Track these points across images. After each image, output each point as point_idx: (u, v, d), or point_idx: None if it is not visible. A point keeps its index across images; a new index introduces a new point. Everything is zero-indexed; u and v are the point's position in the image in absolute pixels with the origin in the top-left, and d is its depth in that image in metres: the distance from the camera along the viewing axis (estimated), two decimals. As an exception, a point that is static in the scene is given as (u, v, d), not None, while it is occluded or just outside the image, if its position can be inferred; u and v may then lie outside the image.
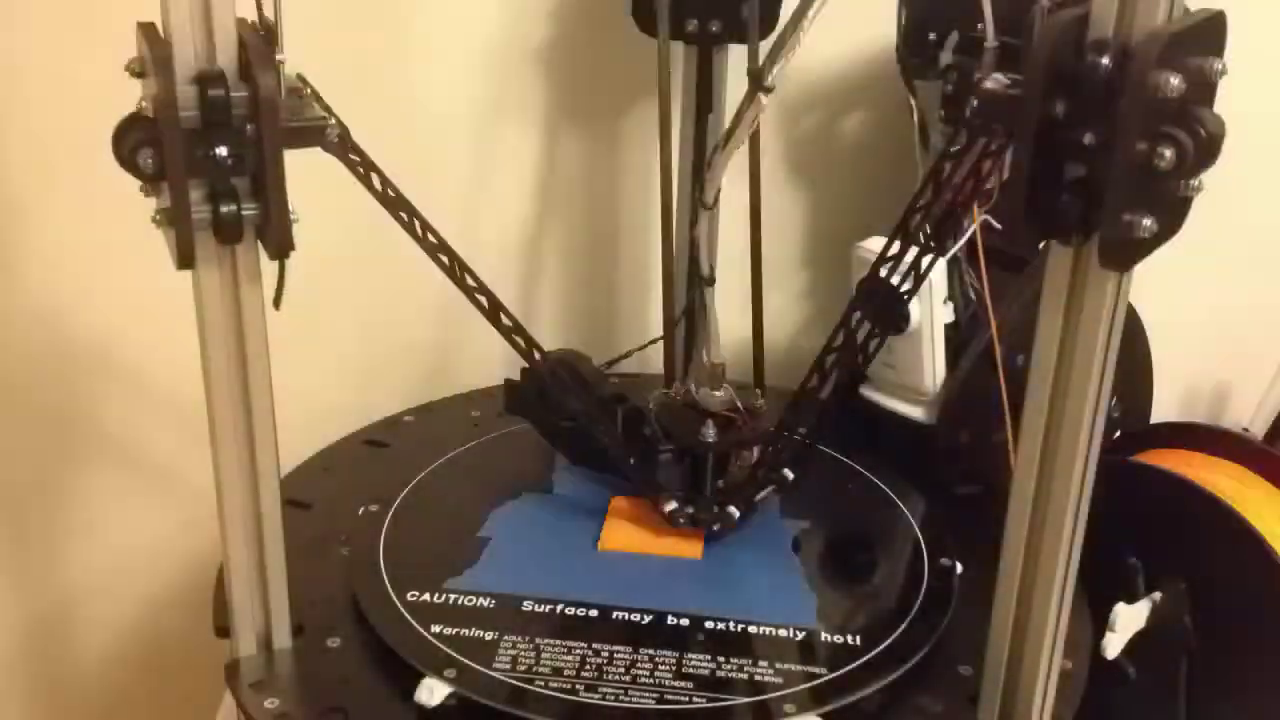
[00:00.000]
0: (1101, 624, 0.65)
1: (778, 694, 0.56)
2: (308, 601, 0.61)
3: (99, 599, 0.92)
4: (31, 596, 0.90)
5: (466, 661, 0.56)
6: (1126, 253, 0.44)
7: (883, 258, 0.59)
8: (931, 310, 0.70)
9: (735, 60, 0.74)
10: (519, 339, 0.64)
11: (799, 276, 0.89)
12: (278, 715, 0.55)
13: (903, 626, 0.60)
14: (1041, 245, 0.48)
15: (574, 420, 0.65)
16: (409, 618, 0.59)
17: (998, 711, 0.55)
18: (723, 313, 0.69)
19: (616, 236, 0.88)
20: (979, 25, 0.67)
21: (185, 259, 0.48)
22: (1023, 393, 0.51)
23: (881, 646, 0.59)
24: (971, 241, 0.71)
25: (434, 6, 0.80)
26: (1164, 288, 0.74)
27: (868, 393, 0.76)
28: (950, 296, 0.72)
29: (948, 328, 0.71)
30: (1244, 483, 0.73)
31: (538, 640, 0.58)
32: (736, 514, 0.65)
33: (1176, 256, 0.82)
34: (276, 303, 0.52)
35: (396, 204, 0.59)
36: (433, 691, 0.55)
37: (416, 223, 0.60)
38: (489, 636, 0.58)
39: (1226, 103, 0.60)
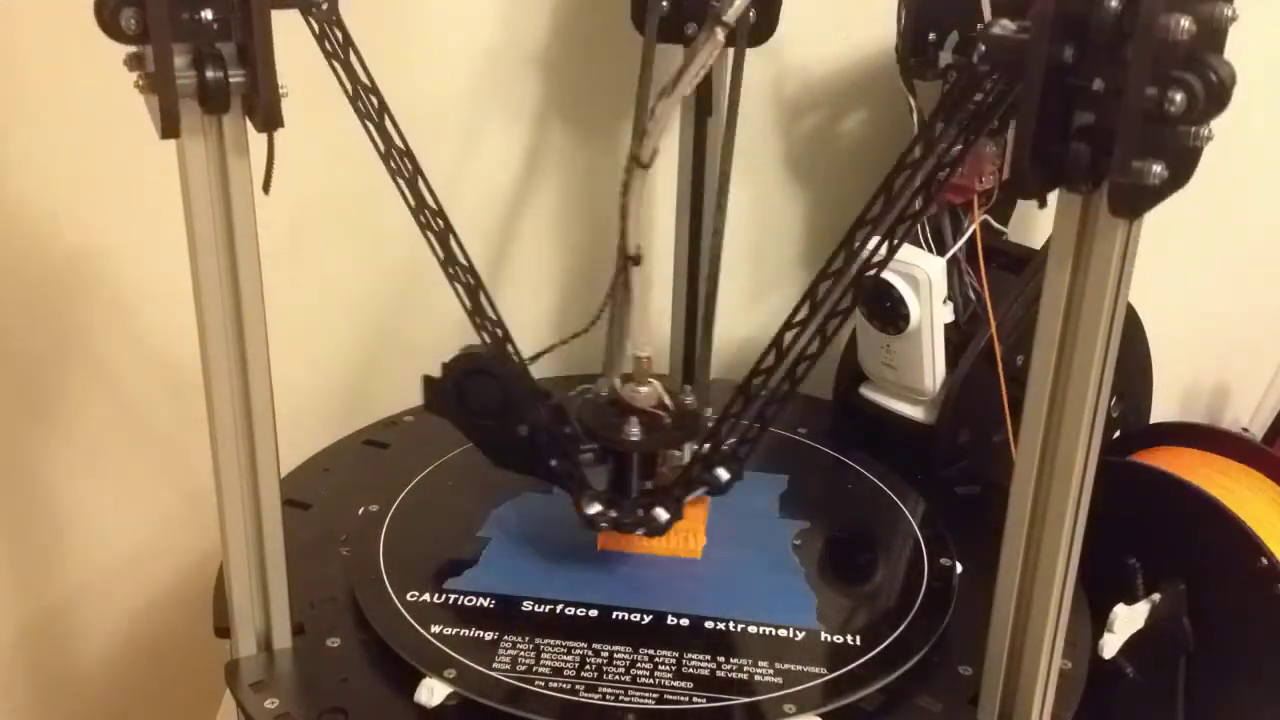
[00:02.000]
0: (1100, 624, 0.65)
1: (778, 694, 0.56)
2: (308, 601, 0.61)
3: (99, 599, 0.92)
4: (31, 596, 0.90)
5: (466, 661, 0.56)
6: (1136, 200, 0.44)
7: (861, 220, 0.56)
8: (931, 310, 0.70)
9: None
10: (494, 327, 0.61)
11: (799, 276, 0.89)
12: (278, 715, 0.55)
13: (903, 626, 0.60)
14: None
15: (493, 419, 0.62)
16: (409, 618, 0.59)
17: (997, 711, 0.55)
18: (725, 314, 0.68)
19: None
20: (979, 25, 0.67)
21: (169, 127, 0.46)
22: (1023, 392, 0.51)
23: (881, 646, 0.59)
24: (971, 241, 0.71)
25: (430, 3, 0.80)
26: (1164, 288, 0.74)
27: (868, 393, 0.76)
28: (950, 296, 0.72)
29: (948, 328, 0.72)
30: (1243, 484, 0.73)
31: (538, 640, 0.58)
32: (664, 517, 0.61)
33: (1177, 257, 0.83)
34: (266, 186, 0.50)
35: (376, 112, 0.57)
36: (433, 691, 0.55)
37: (395, 154, 0.57)
38: (489, 636, 0.58)
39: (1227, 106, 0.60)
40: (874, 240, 0.54)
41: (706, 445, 0.60)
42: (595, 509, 0.62)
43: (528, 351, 0.65)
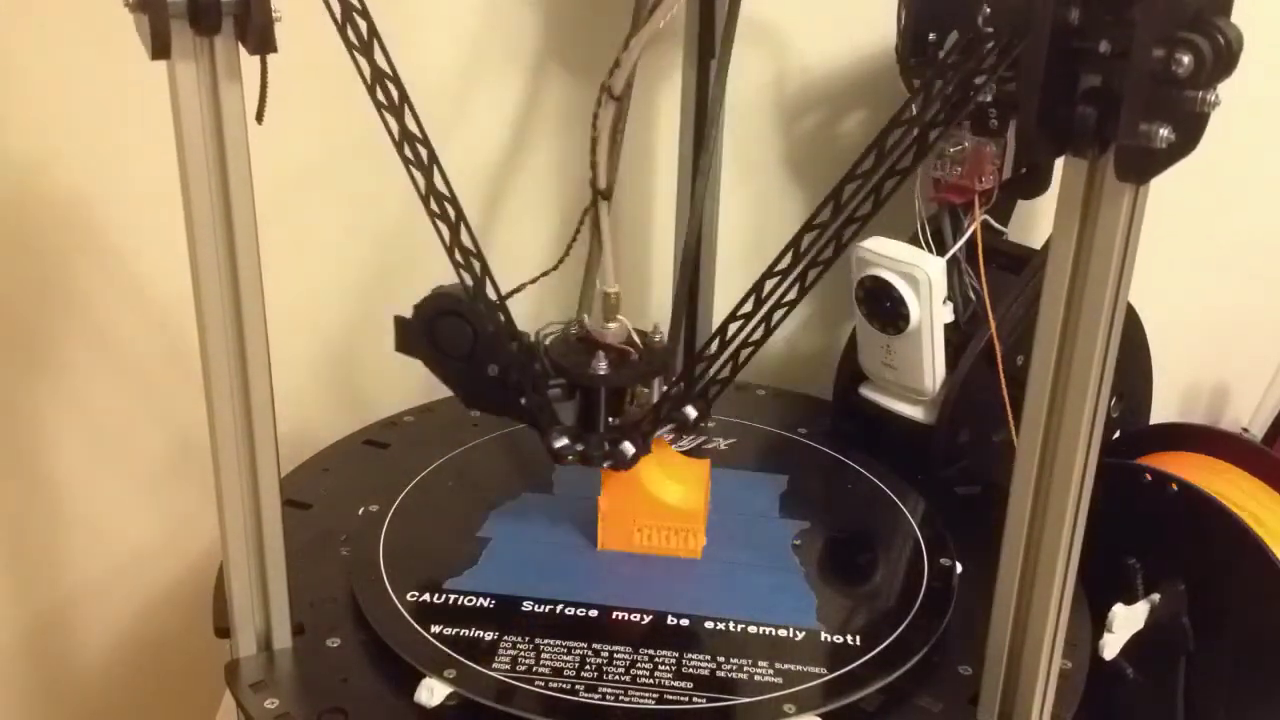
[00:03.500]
0: (1100, 624, 0.65)
1: (778, 694, 0.56)
2: (308, 601, 0.61)
3: (99, 599, 0.92)
4: (31, 596, 0.90)
5: (466, 661, 0.56)
6: (1143, 164, 0.43)
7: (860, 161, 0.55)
8: (931, 310, 0.70)
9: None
10: (473, 262, 0.60)
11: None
12: (278, 715, 0.55)
13: (903, 626, 0.60)
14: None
15: (463, 359, 0.62)
16: (409, 618, 0.59)
17: (997, 711, 0.55)
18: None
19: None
20: (979, 21, 0.67)
21: (159, 47, 0.46)
22: (1023, 392, 0.51)
23: (881, 646, 0.59)
24: (971, 241, 0.71)
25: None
26: (1164, 288, 0.74)
27: (868, 393, 0.76)
28: (950, 296, 0.72)
29: (948, 328, 0.72)
30: (1242, 484, 0.73)
31: (538, 640, 0.58)
32: (631, 451, 0.62)
33: (1176, 257, 0.83)
34: (259, 115, 0.50)
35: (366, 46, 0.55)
36: (433, 691, 0.55)
37: (387, 82, 0.55)
38: (489, 636, 0.58)
39: (1227, 104, 0.60)
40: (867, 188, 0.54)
41: (679, 385, 0.61)
42: (562, 442, 0.62)
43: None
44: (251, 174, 0.50)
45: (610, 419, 0.63)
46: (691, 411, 0.61)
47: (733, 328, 0.58)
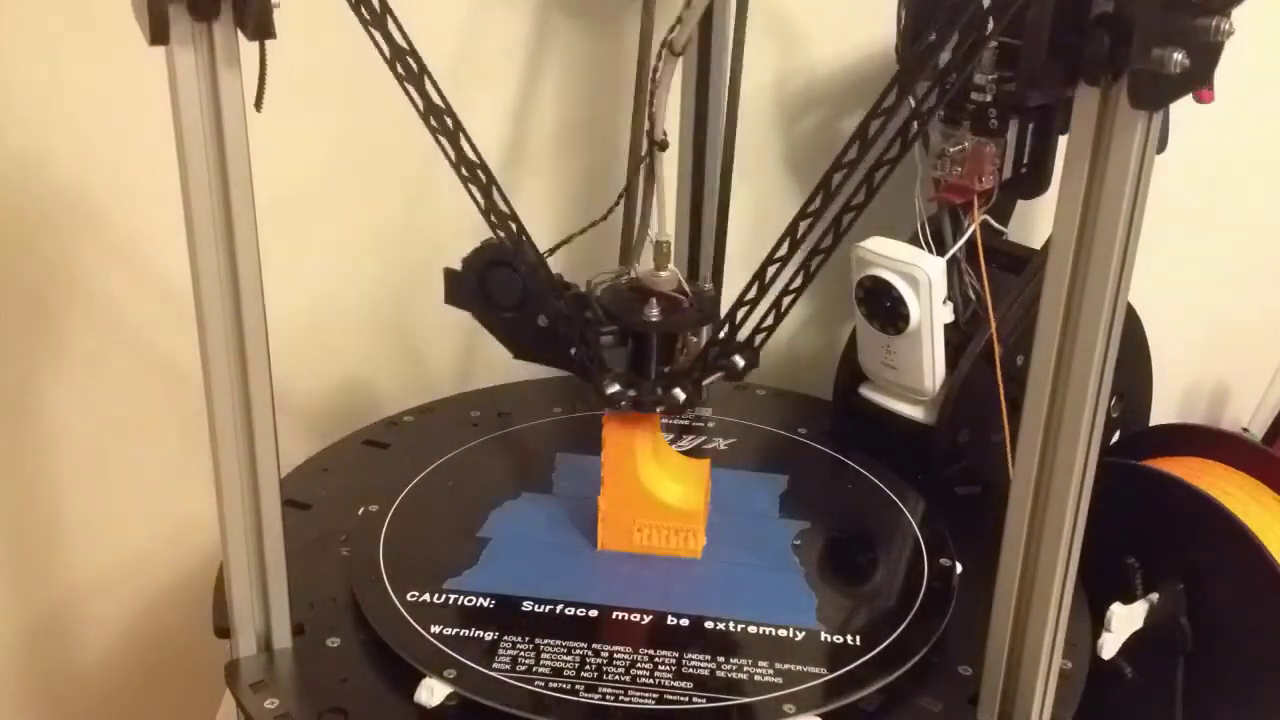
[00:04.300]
0: (1100, 624, 0.65)
1: (778, 694, 0.56)
2: (308, 601, 0.61)
3: (99, 599, 0.92)
4: (31, 596, 0.90)
5: (466, 661, 0.56)
6: (1157, 90, 0.43)
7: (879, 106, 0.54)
8: (931, 310, 0.70)
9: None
10: (509, 222, 0.60)
11: (799, 276, 0.89)
12: (278, 715, 0.55)
13: (903, 626, 0.60)
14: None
15: (514, 310, 0.62)
16: (409, 618, 0.59)
17: (997, 711, 0.55)
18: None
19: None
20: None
21: (158, 31, 0.46)
22: (1023, 392, 0.51)
23: (881, 646, 0.59)
24: (971, 241, 0.71)
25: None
26: (1164, 289, 0.74)
27: (868, 393, 0.76)
28: (950, 296, 0.72)
29: (948, 328, 0.72)
30: (1241, 484, 0.73)
31: (538, 640, 0.58)
32: (682, 397, 0.62)
33: (1177, 257, 0.83)
34: (258, 103, 0.49)
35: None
36: (433, 691, 0.55)
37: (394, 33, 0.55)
38: (489, 636, 0.58)
39: (1226, 105, 0.60)
40: (890, 131, 0.53)
41: (723, 331, 0.61)
42: (615, 388, 0.62)
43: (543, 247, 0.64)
44: (250, 161, 0.50)
45: (662, 369, 0.63)
46: (740, 360, 0.61)
47: (771, 270, 0.58)
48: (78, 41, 0.75)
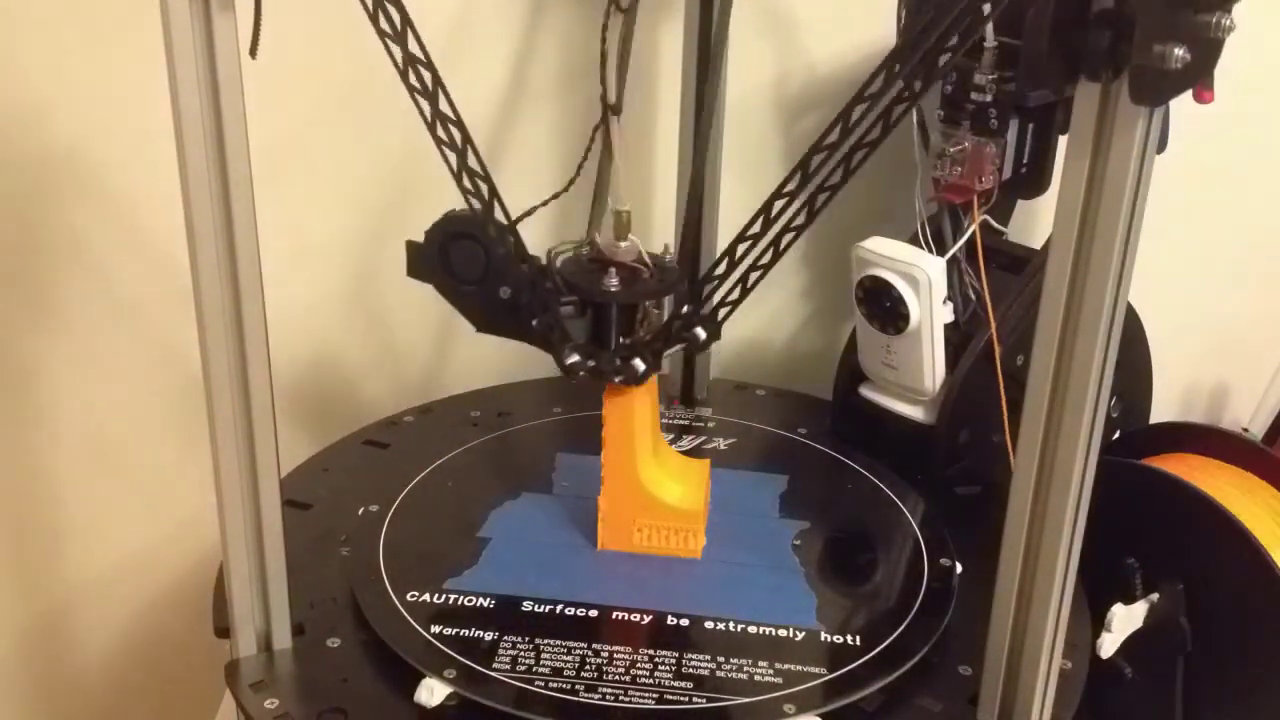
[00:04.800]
0: (1100, 624, 0.65)
1: (778, 694, 0.56)
2: (308, 601, 0.61)
3: (99, 599, 0.92)
4: (31, 596, 0.90)
5: (466, 661, 0.56)
6: (1158, 86, 0.43)
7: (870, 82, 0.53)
8: (931, 310, 0.70)
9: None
10: (480, 185, 0.59)
11: (799, 276, 0.89)
12: (278, 715, 0.55)
13: (903, 626, 0.60)
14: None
15: (476, 284, 0.61)
16: (409, 618, 0.59)
17: (997, 711, 0.55)
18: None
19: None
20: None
21: None
22: (1023, 392, 0.51)
23: (881, 646, 0.59)
24: (971, 241, 0.71)
25: None
26: (1164, 288, 0.74)
27: (867, 393, 0.76)
28: (950, 296, 0.72)
29: (948, 328, 0.72)
30: (1241, 484, 0.73)
31: (538, 640, 0.58)
32: (641, 367, 0.61)
33: (1177, 257, 0.83)
34: (253, 50, 0.49)
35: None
36: (433, 691, 0.55)
37: None
38: (489, 636, 0.58)
39: (1227, 106, 0.60)
40: (873, 115, 0.53)
41: (686, 306, 0.61)
42: (574, 359, 0.61)
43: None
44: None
45: (621, 339, 0.63)
46: (701, 333, 0.61)
47: (741, 248, 0.58)
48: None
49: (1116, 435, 0.80)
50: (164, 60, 0.48)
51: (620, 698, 0.55)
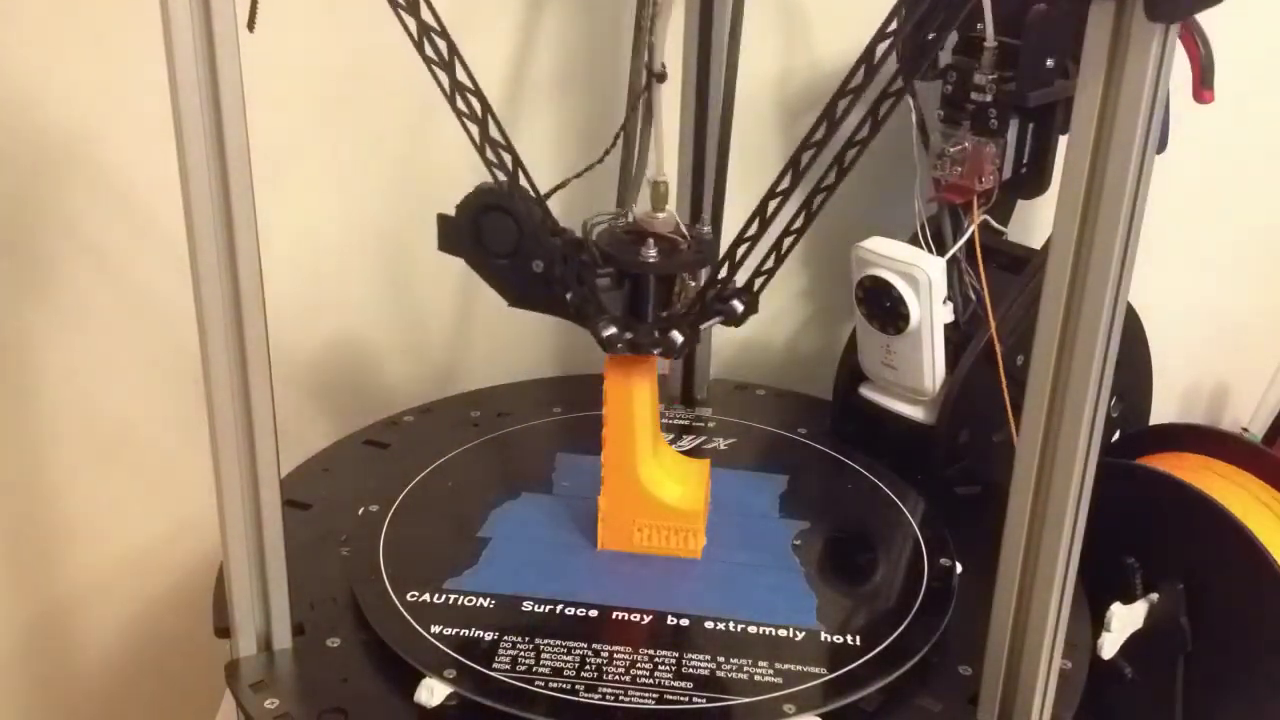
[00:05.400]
0: (1100, 624, 0.65)
1: (778, 694, 0.56)
2: (308, 601, 0.61)
3: (99, 599, 0.92)
4: (31, 596, 0.90)
5: (466, 661, 0.56)
6: (1174, 2, 0.42)
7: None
8: (931, 310, 0.70)
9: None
10: (504, 156, 0.58)
11: (799, 276, 0.89)
12: (278, 715, 0.55)
13: (903, 626, 0.60)
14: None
15: (508, 257, 0.60)
16: (409, 618, 0.59)
17: (997, 711, 0.55)
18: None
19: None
20: (978, 25, 0.67)
21: None
22: (1023, 392, 0.51)
23: (881, 646, 0.59)
24: (971, 241, 0.71)
25: None
26: (1164, 288, 0.74)
27: (867, 393, 0.76)
28: (950, 296, 0.72)
29: (948, 328, 0.72)
30: (1241, 485, 0.73)
31: (538, 640, 0.58)
32: (679, 339, 0.61)
33: (1177, 257, 0.83)
34: (250, 23, 0.49)
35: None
36: (433, 691, 0.55)
37: None
38: (489, 636, 0.58)
39: (1228, 105, 0.60)
40: (860, 111, 0.54)
41: (723, 270, 0.60)
42: (611, 331, 0.60)
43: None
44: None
45: (659, 311, 0.62)
46: (738, 305, 0.60)
47: (772, 205, 0.57)
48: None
49: (1116, 435, 0.80)
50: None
51: (620, 698, 0.55)
